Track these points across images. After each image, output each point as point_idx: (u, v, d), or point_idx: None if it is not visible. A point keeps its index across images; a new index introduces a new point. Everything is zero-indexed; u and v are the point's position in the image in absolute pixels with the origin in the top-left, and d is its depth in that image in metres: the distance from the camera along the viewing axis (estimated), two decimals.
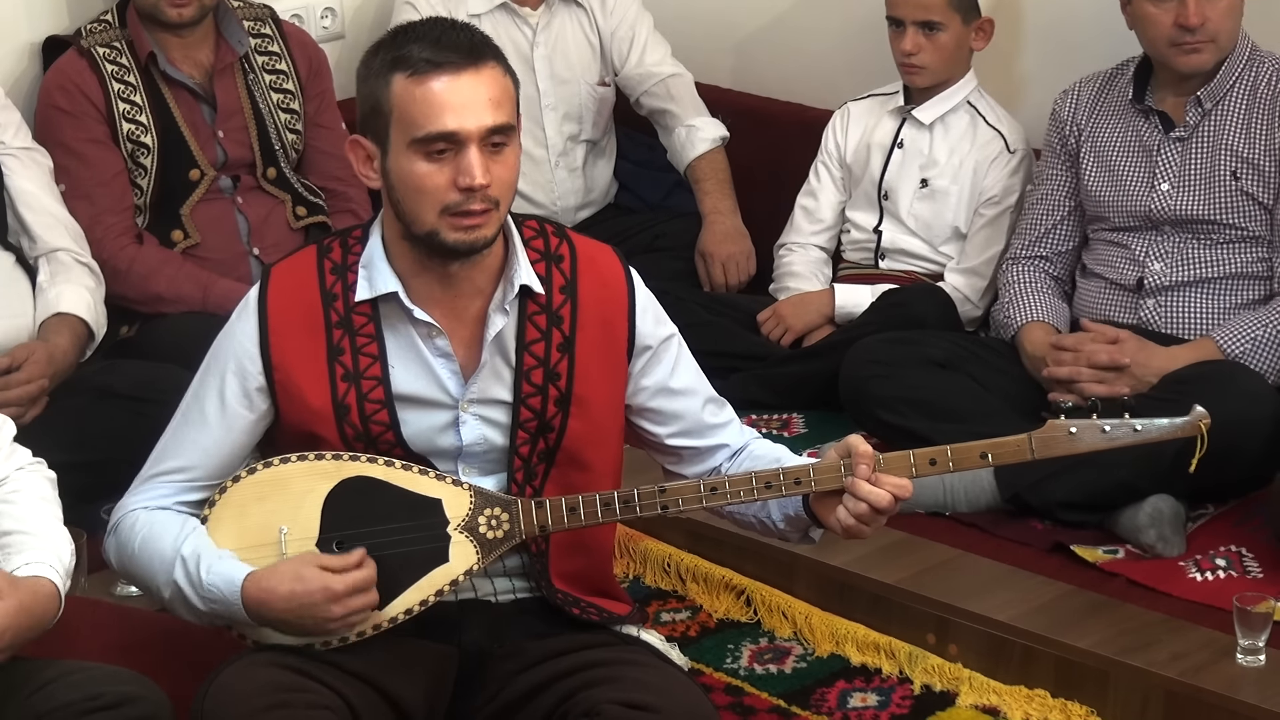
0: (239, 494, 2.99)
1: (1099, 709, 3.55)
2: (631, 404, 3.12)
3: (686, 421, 3.14)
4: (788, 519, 3.09)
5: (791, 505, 3.06)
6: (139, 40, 4.39)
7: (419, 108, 2.86)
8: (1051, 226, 4.40)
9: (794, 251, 4.86)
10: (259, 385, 3.01)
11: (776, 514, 3.10)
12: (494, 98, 2.89)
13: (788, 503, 3.06)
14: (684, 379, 3.15)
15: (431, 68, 2.86)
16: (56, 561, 2.92)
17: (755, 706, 3.65)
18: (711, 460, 3.16)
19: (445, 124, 2.86)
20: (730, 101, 5.23)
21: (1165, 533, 3.82)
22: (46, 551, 2.92)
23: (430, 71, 2.86)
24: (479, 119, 2.87)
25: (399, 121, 2.89)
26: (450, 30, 2.92)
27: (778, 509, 3.09)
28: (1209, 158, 4.17)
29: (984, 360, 4.28)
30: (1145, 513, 3.82)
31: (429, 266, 2.97)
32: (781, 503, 3.07)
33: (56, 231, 4.19)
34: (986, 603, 3.73)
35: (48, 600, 2.87)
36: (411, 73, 2.87)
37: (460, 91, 2.86)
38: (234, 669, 2.91)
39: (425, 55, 2.87)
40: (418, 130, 2.87)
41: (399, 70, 2.88)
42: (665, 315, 3.15)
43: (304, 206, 4.57)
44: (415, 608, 2.95)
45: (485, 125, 2.87)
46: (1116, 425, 3.00)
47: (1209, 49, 4.11)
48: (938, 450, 2.98)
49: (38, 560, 2.89)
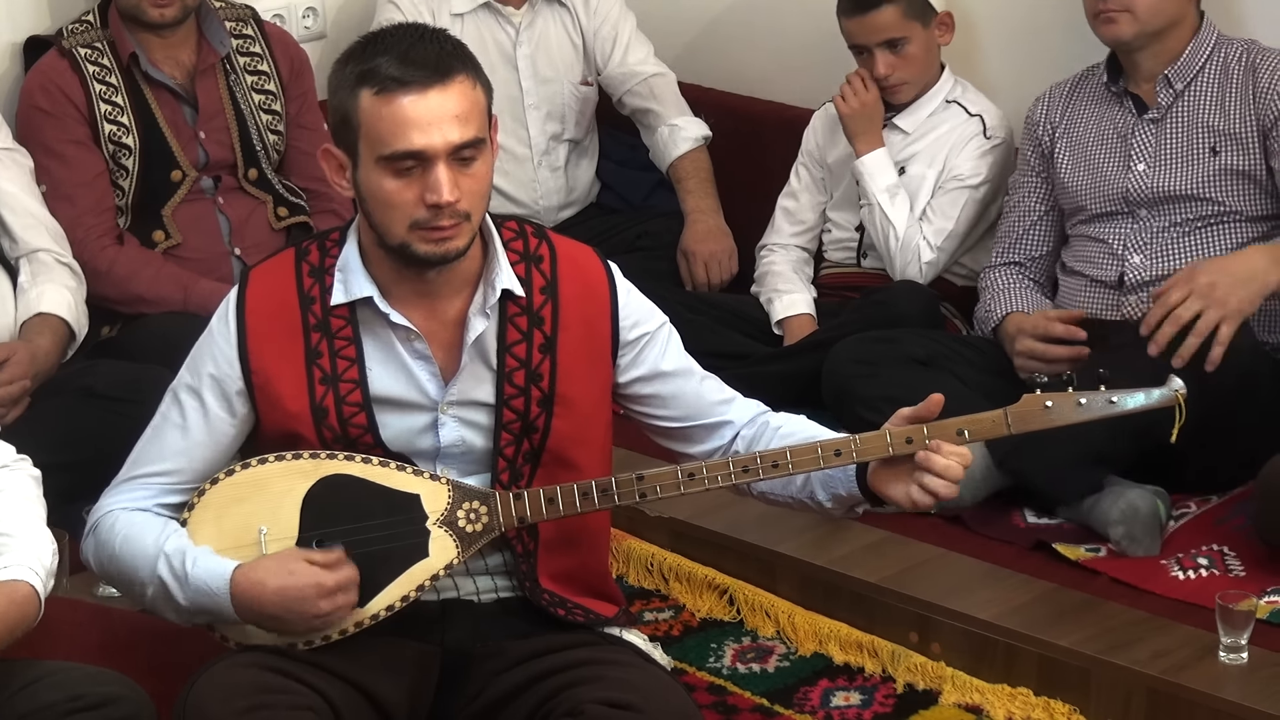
0: (217, 496, 2.99)
1: (1082, 707, 3.55)
2: (629, 394, 3.12)
3: (687, 401, 3.14)
4: (837, 499, 3.07)
5: (843, 486, 3.05)
6: (121, 41, 4.38)
7: (385, 125, 2.85)
8: (1024, 231, 4.40)
9: (775, 252, 4.85)
10: (238, 389, 3.00)
11: (823, 494, 3.08)
12: (461, 113, 2.87)
13: (836, 483, 3.05)
14: (676, 361, 3.14)
15: (397, 85, 2.84)
16: (36, 564, 2.91)
17: (738, 706, 3.65)
18: (719, 438, 3.14)
19: (412, 143, 2.85)
20: (713, 101, 5.23)
21: (1135, 532, 3.81)
22: (26, 554, 2.91)
23: (396, 90, 2.84)
24: (445, 136, 2.85)
25: (366, 137, 2.88)
26: (419, 43, 2.89)
27: (823, 490, 3.07)
28: (1184, 136, 4.17)
29: (966, 359, 4.28)
30: (1119, 508, 3.82)
31: (405, 273, 2.97)
32: (827, 483, 3.06)
33: (37, 232, 4.18)
34: (969, 601, 3.73)
35: (25, 604, 2.86)
36: (379, 90, 2.85)
37: (427, 109, 2.84)
38: (216, 670, 2.91)
39: (392, 72, 2.85)
40: (384, 148, 2.86)
41: (366, 85, 2.86)
42: (652, 306, 3.15)
43: (285, 207, 4.57)
44: (397, 604, 2.95)
45: (452, 142, 2.86)
46: (1092, 398, 3.00)
47: (1124, 19, 4.13)
48: (914, 429, 2.98)
49: (15, 563, 2.88)
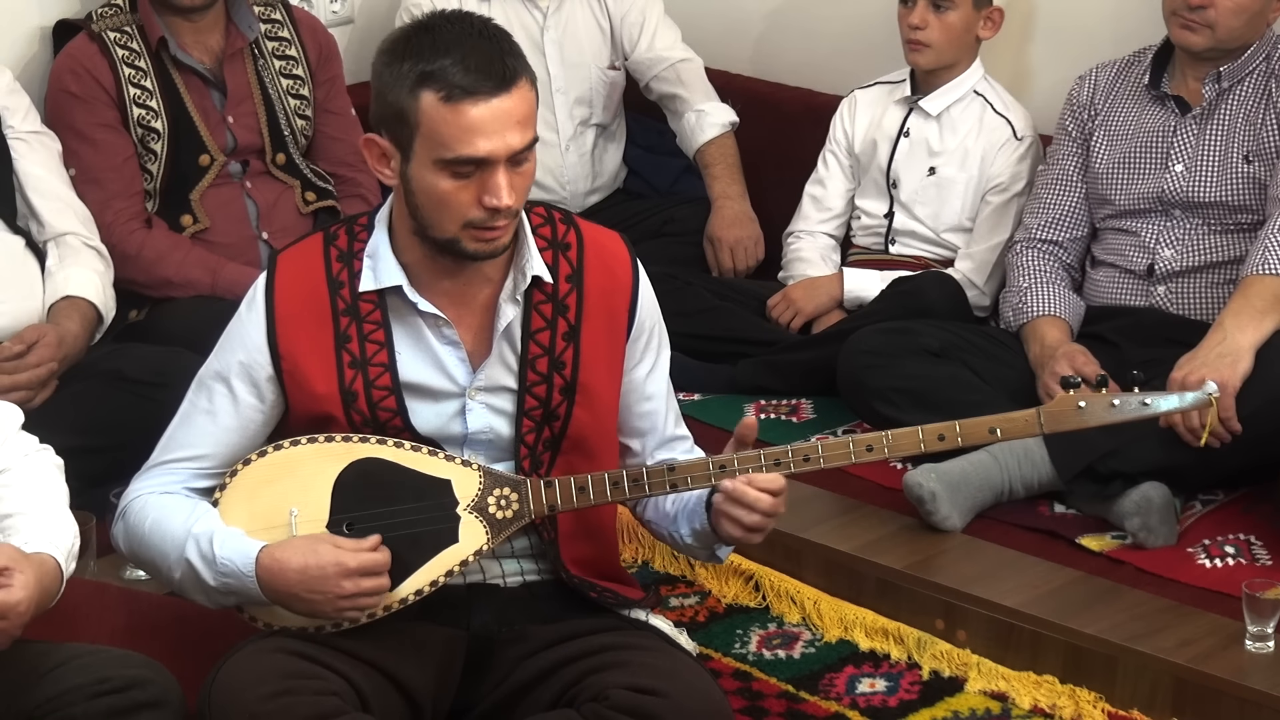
0: (249, 476, 3.00)
1: (1107, 695, 3.55)
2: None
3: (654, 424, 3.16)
4: (695, 533, 3.09)
5: (698, 519, 3.06)
6: (150, 25, 4.39)
7: (450, 130, 2.85)
8: (1066, 210, 4.37)
9: (803, 239, 4.85)
10: (268, 375, 3.01)
11: (685, 527, 3.11)
12: (523, 119, 2.88)
13: (696, 517, 3.07)
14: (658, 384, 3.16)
15: (465, 95, 2.83)
16: (57, 538, 2.91)
17: (764, 692, 3.65)
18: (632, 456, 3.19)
19: (477, 149, 2.85)
20: (740, 87, 5.23)
21: (1151, 522, 3.81)
22: (44, 529, 2.91)
23: (464, 98, 2.83)
24: (508, 143, 2.86)
25: (426, 138, 2.87)
26: (480, 42, 2.87)
27: (686, 523, 3.10)
28: (1224, 138, 4.17)
29: (983, 350, 4.25)
30: (1133, 499, 3.82)
31: (439, 261, 2.98)
32: (690, 516, 3.08)
33: (65, 215, 4.19)
34: (995, 588, 3.73)
35: (52, 576, 2.86)
36: (445, 96, 2.84)
37: (493, 118, 2.85)
38: (242, 655, 2.92)
39: (459, 80, 2.83)
40: (447, 152, 2.86)
41: (429, 88, 2.85)
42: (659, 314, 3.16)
43: (313, 192, 4.57)
44: (425, 588, 2.96)
45: (514, 148, 2.87)
46: (1125, 399, 3.00)
47: (1203, 33, 4.14)
48: (946, 426, 2.99)
49: (35, 539, 2.88)
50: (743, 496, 2.94)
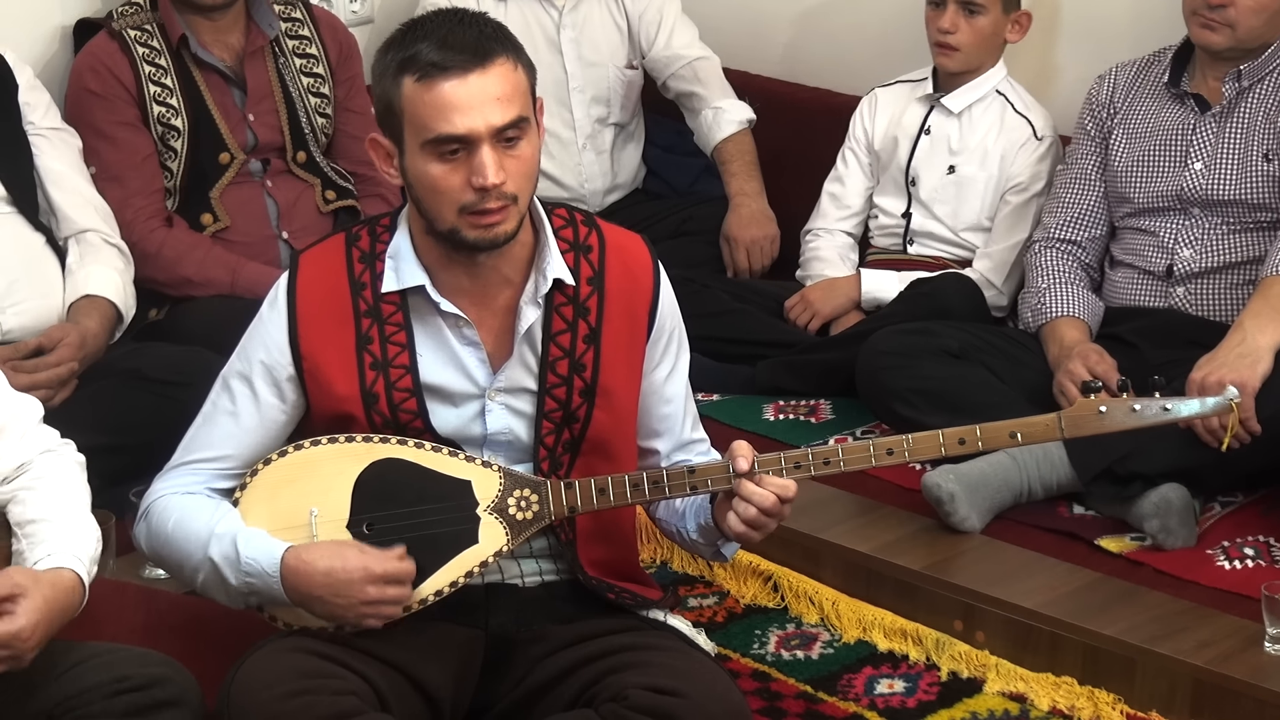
0: (270, 476, 3.00)
1: (1126, 696, 3.54)
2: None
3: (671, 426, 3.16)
4: (701, 529, 3.09)
5: (704, 514, 3.07)
6: (170, 23, 4.40)
7: (427, 111, 2.86)
8: (1086, 210, 4.37)
9: (821, 237, 4.85)
10: (289, 375, 3.02)
11: (691, 523, 3.11)
12: (503, 95, 2.87)
13: (702, 511, 3.07)
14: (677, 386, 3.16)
15: (437, 71, 2.85)
16: (80, 549, 2.91)
17: (782, 692, 3.65)
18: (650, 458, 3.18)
19: (454, 126, 2.85)
20: (757, 87, 5.23)
21: (1170, 524, 3.80)
22: (68, 540, 2.91)
23: (436, 75, 2.85)
24: (487, 119, 2.85)
25: (410, 124, 2.89)
26: (458, 27, 2.89)
27: (693, 519, 3.10)
28: (1243, 136, 4.17)
29: (1002, 351, 4.25)
30: (1151, 501, 3.82)
31: (456, 259, 2.97)
32: (697, 512, 3.09)
33: (86, 212, 4.20)
34: (1013, 590, 3.73)
35: (70, 592, 2.86)
36: (419, 76, 2.86)
37: (468, 93, 2.85)
38: (262, 654, 2.92)
39: (431, 58, 2.85)
40: (428, 133, 2.87)
41: (407, 73, 2.87)
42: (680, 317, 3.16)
43: (333, 190, 4.57)
44: (445, 589, 2.96)
45: (494, 124, 2.86)
46: (1146, 404, 2.99)
47: (1223, 33, 4.14)
48: (966, 430, 2.99)
49: (59, 550, 2.88)
50: (742, 489, 2.94)
